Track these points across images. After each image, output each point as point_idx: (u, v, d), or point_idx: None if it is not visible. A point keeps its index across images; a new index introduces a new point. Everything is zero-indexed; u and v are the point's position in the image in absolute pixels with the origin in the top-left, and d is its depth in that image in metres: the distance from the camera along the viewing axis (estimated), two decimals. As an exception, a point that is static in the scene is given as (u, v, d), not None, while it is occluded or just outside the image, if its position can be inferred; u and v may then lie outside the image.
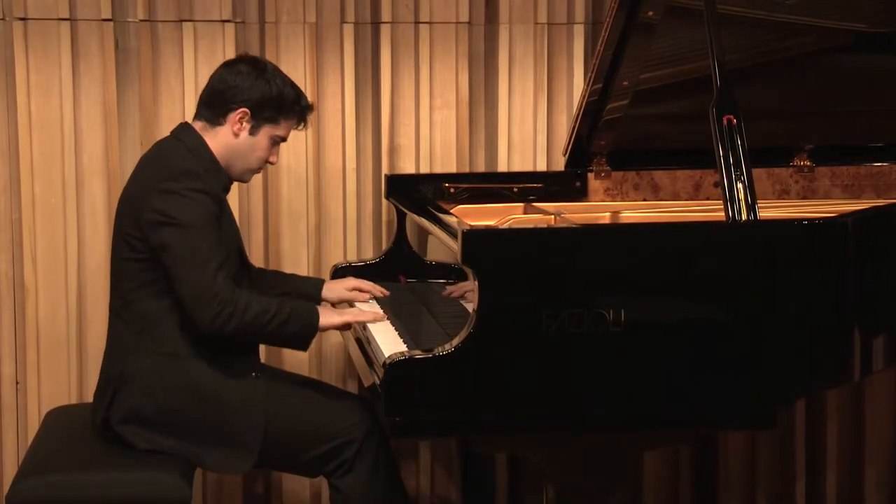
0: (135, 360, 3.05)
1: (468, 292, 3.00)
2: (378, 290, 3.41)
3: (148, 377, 3.03)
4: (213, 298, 2.93)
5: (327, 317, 3.10)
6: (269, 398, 3.08)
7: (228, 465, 3.06)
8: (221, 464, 3.06)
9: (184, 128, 3.17)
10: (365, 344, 3.08)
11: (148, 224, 2.98)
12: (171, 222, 2.96)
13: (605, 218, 3.55)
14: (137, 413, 3.03)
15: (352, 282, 3.44)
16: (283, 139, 3.19)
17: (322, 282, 3.45)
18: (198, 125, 3.15)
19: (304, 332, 3.05)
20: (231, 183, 3.19)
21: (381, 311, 3.22)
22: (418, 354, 2.64)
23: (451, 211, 3.36)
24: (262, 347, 3.29)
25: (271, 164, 3.21)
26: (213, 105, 3.12)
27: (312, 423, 3.09)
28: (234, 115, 3.10)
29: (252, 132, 3.12)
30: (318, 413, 3.11)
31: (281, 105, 3.12)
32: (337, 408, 3.14)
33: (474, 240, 2.67)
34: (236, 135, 3.11)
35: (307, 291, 3.40)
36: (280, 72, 3.17)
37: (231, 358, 3.07)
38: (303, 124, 3.22)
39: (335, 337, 3.85)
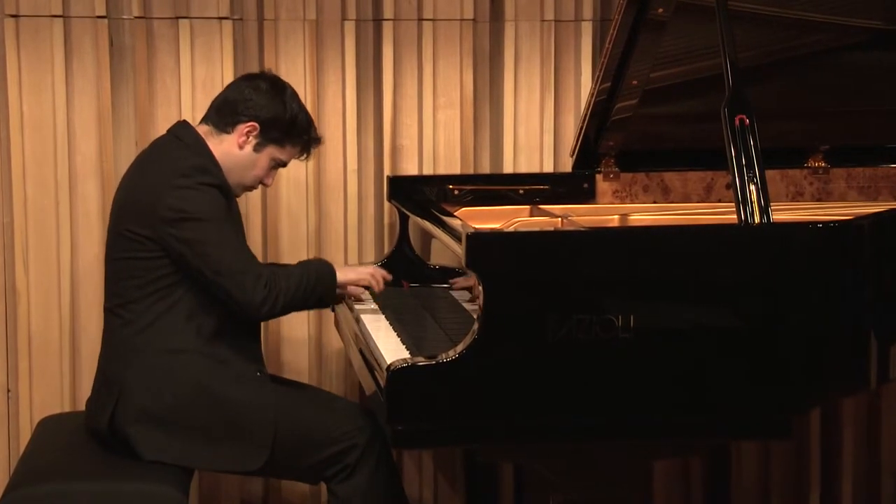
0: (140, 359, 3.04)
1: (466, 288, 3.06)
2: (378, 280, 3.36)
3: (155, 375, 3.03)
4: (257, 282, 3.01)
5: (343, 272, 3.24)
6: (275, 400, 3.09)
7: (241, 462, 3.05)
8: (234, 461, 3.05)
9: (183, 126, 3.20)
10: (366, 350, 3.05)
11: (166, 222, 3.00)
12: (193, 217, 3.00)
13: (613, 221, 3.53)
14: (147, 412, 3.01)
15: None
16: (284, 164, 3.26)
17: None
18: (203, 128, 3.18)
19: (330, 289, 3.18)
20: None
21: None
22: (421, 361, 2.61)
23: (455, 213, 3.35)
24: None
25: (265, 185, 3.26)
26: (224, 113, 3.17)
27: (315, 427, 3.09)
28: (244, 127, 3.14)
29: (256, 149, 3.17)
30: (321, 417, 3.11)
31: (291, 129, 3.18)
32: (339, 412, 3.15)
33: (479, 243, 2.64)
34: (241, 147, 3.15)
35: None
36: (298, 98, 3.22)
37: (237, 355, 3.09)
38: (305, 155, 3.26)
39: (336, 344, 3.84)
